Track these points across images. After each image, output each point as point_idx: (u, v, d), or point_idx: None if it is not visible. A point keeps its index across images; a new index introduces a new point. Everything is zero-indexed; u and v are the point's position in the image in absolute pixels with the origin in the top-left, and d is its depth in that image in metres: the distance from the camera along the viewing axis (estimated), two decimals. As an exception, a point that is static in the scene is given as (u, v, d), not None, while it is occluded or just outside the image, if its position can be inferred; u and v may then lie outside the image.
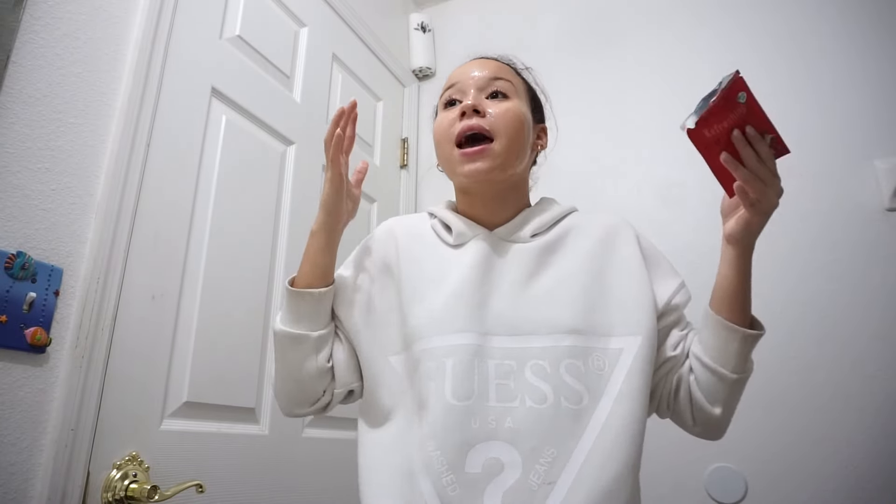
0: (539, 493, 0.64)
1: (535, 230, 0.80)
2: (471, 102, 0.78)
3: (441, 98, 0.85)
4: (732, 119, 0.63)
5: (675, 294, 0.78)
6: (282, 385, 0.80)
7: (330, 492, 1.34)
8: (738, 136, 0.64)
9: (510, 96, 0.81)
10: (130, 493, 0.91)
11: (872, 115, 1.47)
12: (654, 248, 0.83)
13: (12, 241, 0.84)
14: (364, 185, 1.71)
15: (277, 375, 0.80)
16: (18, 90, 0.88)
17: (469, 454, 0.66)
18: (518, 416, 0.67)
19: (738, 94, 0.61)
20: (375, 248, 0.84)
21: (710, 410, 0.74)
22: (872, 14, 1.54)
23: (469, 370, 0.69)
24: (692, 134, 0.64)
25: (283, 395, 0.81)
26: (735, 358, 0.71)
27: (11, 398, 0.82)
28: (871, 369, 1.31)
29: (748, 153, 0.64)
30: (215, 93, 1.25)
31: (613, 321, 0.73)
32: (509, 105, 0.79)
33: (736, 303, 0.72)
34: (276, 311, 0.86)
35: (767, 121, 0.64)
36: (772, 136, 0.65)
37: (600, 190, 1.69)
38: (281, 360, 0.78)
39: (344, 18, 1.77)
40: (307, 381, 0.77)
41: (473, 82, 0.81)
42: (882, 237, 1.38)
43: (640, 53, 1.79)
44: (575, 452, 0.66)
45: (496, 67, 0.84)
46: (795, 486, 1.30)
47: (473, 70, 0.83)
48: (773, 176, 0.66)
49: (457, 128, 0.78)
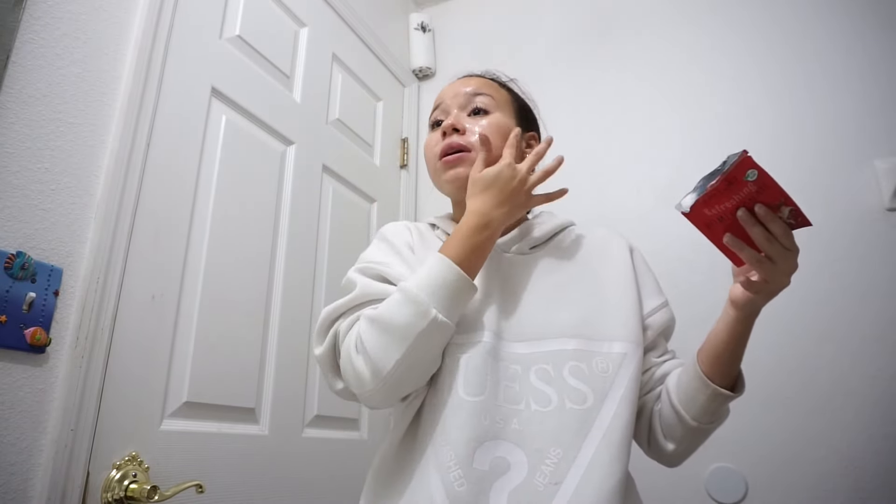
0: (545, 494, 0.64)
1: (534, 243, 0.83)
2: (451, 122, 0.83)
3: (430, 118, 0.91)
4: (738, 198, 0.59)
5: (654, 311, 0.80)
6: (413, 372, 0.69)
7: (330, 492, 1.34)
8: (744, 216, 0.60)
9: (490, 111, 0.85)
10: (130, 494, 0.91)
11: (872, 115, 1.47)
12: (646, 264, 0.86)
13: (12, 241, 0.84)
14: (364, 185, 1.73)
15: (411, 361, 0.67)
16: (18, 90, 0.88)
17: (478, 450, 0.66)
18: (523, 419, 0.68)
19: (745, 173, 0.57)
20: (397, 234, 0.84)
21: (663, 444, 0.77)
22: (872, 13, 1.54)
23: (482, 367, 0.70)
24: (690, 215, 0.60)
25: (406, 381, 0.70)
26: (701, 409, 0.72)
27: (11, 398, 0.82)
28: (870, 369, 1.31)
29: (757, 232, 0.61)
30: (215, 93, 1.25)
31: (614, 327, 0.75)
32: (489, 120, 0.84)
33: (719, 361, 0.71)
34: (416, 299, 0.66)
35: (783, 193, 0.59)
36: (790, 209, 0.60)
37: (600, 190, 1.69)
38: (425, 347, 0.67)
39: (344, 18, 1.77)
40: (433, 367, 0.71)
41: (455, 101, 0.86)
42: (882, 237, 1.38)
43: (640, 53, 1.79)
44: (581, 452, 0.67)
45: (477, 84, 0.88)
46: (795, 486, 1.30)
47: (456, 89, 0.88)
48: (787, 253, 0.62)
49: (439, 146, 0.84)
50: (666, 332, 0.82)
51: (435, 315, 0.65)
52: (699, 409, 0.72)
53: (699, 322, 1.47)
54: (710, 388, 0.71)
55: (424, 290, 0.67)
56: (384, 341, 0.66)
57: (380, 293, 0.72)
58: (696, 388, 0.72)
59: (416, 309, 0.66)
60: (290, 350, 1.33)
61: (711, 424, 0.74)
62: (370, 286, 0.74)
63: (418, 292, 0.66)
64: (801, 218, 0.60)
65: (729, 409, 0.75)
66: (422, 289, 0.67)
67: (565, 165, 0.82)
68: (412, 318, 0.65)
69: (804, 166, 1.49)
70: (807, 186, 1.47)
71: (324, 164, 1.57)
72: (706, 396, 0.71)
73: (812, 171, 1.48)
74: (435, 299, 0.66)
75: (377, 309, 0.69)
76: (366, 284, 0.74)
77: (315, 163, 1.53)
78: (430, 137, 0.87)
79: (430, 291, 0.66)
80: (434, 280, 0.67)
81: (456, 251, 0.70)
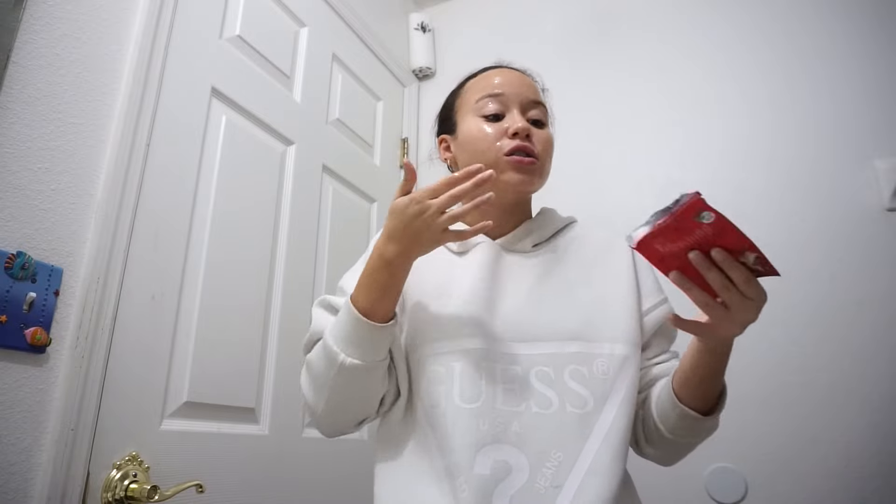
0: (546, 497, 0.65)
1: (536, 241, 0.83)
2: (525, 125, 0.79)
3: (477, 100, 0.83)
4: (691, 239, 0.56)
5: (650, 310, 0.79)
6: (342, 412, 0.73)
7: (330, 492, 1.34)
8: (696, 259, 0.57)
9: (546, 124, 0.85)
10: (130, 493, 0.91)
11: (872, 115, 1.47)
12: (647, 263, 0.84)
13: (12, 241, 0.84)
14: (363, 185, 1.73)
15: (334, 403, 0.71)
16: (18, 90, 0.88)
17: (478, 456, 0.66)
18: (524, 421, 0.68)
19: (698, 214, 0.54)
20: None
21: (646, 449, 0.78)
22: (872, 13, 1.54)
23: (477, 373, 0.70)
24: (639, 248, 0.58)
25: (341, 419, 0.74)
26: (674, 425, 0.72)
27: (11, 398, 0.82)
28: (870, 369, 1.31)
29: (714, 277, 0.57)
30: (215, 93, 1.25)
31: (615, 329, 0.74)
32: (548, 135, 0.84)
33: (688, 385, 0.70)
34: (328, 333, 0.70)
35: (745, 240, 0.55)
36: (755, 256, 0.56)
37: (600, 189, 1.69)
38: (345, 390, 0.70)
39: (344, 18, 1.77)
40: (372, 400, 0.73)
41: (518, 100, 0.82)
42: (882, 237, 1.38)
43: (640, 53, 1.79)
44: (581, 456, 0.67)
45: (534, 90, 0.86)
46: (795, 486, 1.30)
47: (515, 83, 0.84)
48: (746, 303, 0.58)
49: (507, 144, 0.79)
50: (663, 331, 0.80)
51: (342, 360, 0.67)
52: (672, 425, 0.72)
53: (699, 322, 1.48)
54: (679, 409, 0.70)
55: (333, 338, 0.69)
56: (312, 386, 0.73)
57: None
58: (670, 405, 0.71)
59: (327, 358, 0.69)
60: (290, 350, 1.33)
61: (689, 439, 0.73)
62: (318, 324, 0.77)
63: (331, 341, 0.69)
64: (768, 266, 0.57)
65: (713, 426, 0.72)
66: (333, 336, 0.69)
67: (566, 164, 0.83)
68: (326, 366, 0.69)
69: (804, 166, 1.49)
70: (807, 186, 1.47)
71: (324, 164, 1.57)
72: (676, 415, 0.71)
73: (812, 171, 1.48)
74: (344, 345, 0.68)
75: (309, 354, 0.74)
76: (317, 321, 0.77)
77: (315, 163, 1.53)
78: (487, 127, 0.80)
79: (340, 338, 0.68)
80: (342, 327, 0.69)
81: (360, 293, 0.69)
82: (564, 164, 1.83)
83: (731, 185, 1.54)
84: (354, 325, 0.67)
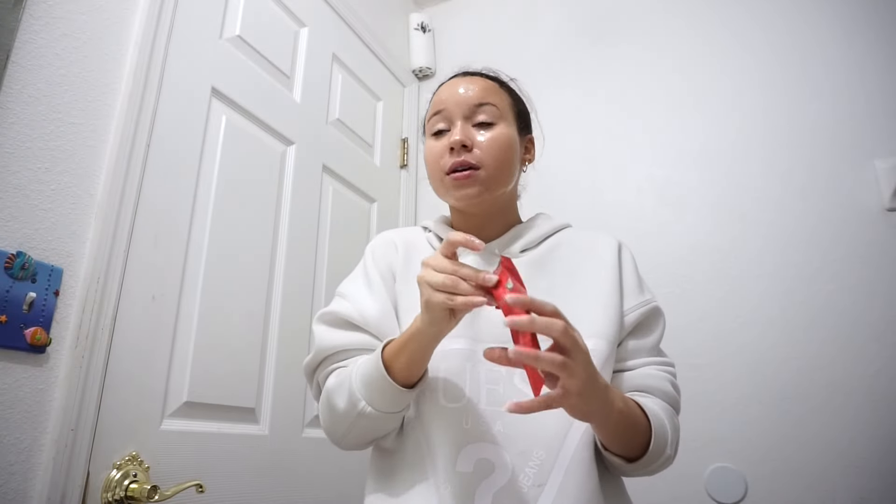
0: (530, 495, 0.66)
1: (525, 246, 0.83)
2: (458, 138, 0.77)
3: (428, 122, 0.84)
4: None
5: (630, 311, 0.78)
6: (361, 442, 0.76)
7: (329, 491, 1.34)
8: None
9: (496, 122, 0.80)
10: (130, 493, 0.91)
11: (872, 115, 1.47)
12: (633, 262, 0.84)
13: (12, 241, 0.84)
14: (364, 185, 1.73)
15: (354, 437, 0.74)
16: (18, 90, 0.88)
17: (460, 454, 0.68)
18: (507, 421, 0.69)
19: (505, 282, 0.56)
20: (380, 255, 0.85)
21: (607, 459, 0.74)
22: (872, 13, 1.54)
23: (461, 374, 0.72)
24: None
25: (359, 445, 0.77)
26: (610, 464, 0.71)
27: (11, 398, 0.82)
28: (870, 369, 1.31)
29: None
30: (215, 93, 1.25)
31: (594, 325, 0.73)
32: (495, 133, 0.79)
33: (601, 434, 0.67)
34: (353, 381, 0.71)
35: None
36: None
37: (600, 190, 1.69)
38: (365, 431, 0.72)
39: (344, 18, 1.77)
40: (391, 430, 0.75)
41: (459, 111, 0.80)
42: (882, 237, 1.38)
43: (640, 53, 1.79)
44: (561, 454, 0.68)
45: (481, 90, 0.82)
46: (795, 486, 1.30)
47: (458, 92, 0.81)
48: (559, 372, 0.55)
49: (447, 162, 0.78)
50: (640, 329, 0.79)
51: (362, 408, 0.69)
52: (610, 464, 0.71)
53: (698, 322, 1.48)
54: (607, 453, 0.69)
55: (358, 381, 0.69)
56: (330, 418, 0.74)
57: (335, 347, 0.76)
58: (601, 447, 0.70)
59: (349, 399, 0.70)
60: (290, 350, 1.33)
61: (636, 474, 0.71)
62: (324, 340, 0.77)
63: (356, 383, 0.70)
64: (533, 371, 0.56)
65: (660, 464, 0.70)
66: (358, 379, 0.70)
67: (566, 165, 0.82)
68: (346, 406, 0.71)
69: (804, 166, 1.49)
70: (806, 186, 1.47)
71: (324, 164, 1.57)
72: (608, 458, 0.70)
73: (812, 171, 1.48)
74: (366, 392, 0.69)
75: (330, 381, 0.74)
76: (321, 339, 0.78)
77: (315, 163, 1.53)
78: (434, 146, 0.81)
79: (364, 383, 0.69)
80: (368, 375, 0.68)
81: (392, 348, 0.68)
82: (564, 165, 1.84)
83: (731, 186, 1.54)
84: (381, 380, 0.67)
